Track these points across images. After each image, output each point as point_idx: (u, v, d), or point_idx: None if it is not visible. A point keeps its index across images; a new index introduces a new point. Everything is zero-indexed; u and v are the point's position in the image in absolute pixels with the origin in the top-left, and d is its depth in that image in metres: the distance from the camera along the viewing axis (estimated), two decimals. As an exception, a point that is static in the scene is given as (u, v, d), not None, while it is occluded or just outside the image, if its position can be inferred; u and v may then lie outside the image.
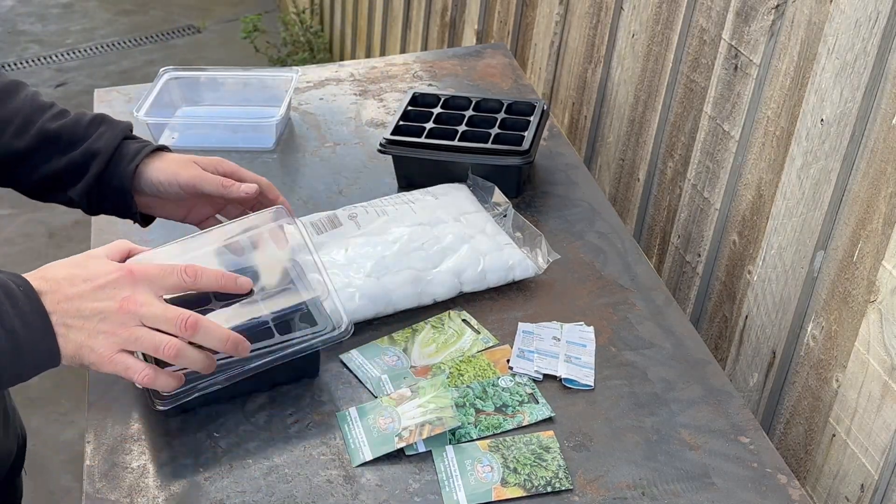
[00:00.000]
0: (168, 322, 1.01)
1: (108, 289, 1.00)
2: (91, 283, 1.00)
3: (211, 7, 5.33)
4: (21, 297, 0.97)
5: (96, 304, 0.99)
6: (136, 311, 1.00)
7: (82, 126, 1.30)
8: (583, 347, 1.31)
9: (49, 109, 1.32)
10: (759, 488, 1.13)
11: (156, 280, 1.03)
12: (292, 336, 1.18)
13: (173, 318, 1.01)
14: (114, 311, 0.99)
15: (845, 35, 1.25)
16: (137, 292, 1.01)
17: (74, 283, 1.00)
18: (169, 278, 1.03)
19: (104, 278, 1.01)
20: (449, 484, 1.13)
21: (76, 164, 1.28)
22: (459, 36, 2.68)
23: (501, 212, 1.50)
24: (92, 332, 0.99)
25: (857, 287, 1.25)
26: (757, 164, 1.46)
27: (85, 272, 1.01)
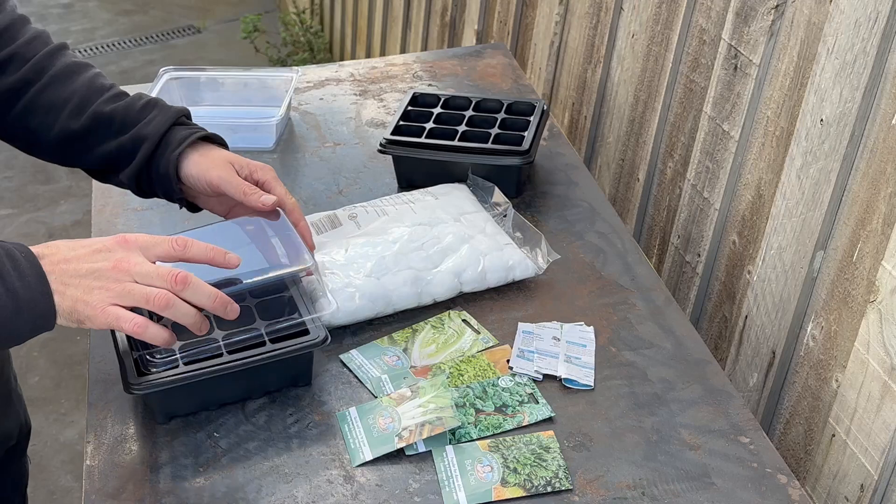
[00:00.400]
0: (160, 277, 1.06)
1: (104, 252, 1.06)
2: (87, 248, 1.06)
3: (211, 7, 5.33)
4: (22, 260, 1.02)
5: (92, 264, 1.05)
6: (129, 269, 1.05)
7: (135, 110, 1.31)
8: (583, 347, 1.31)
9: (107, 91, 1.33)
10: (759, 488, 1.14)
11: (147, 247, 1.08)
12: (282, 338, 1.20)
13: (164, 273, 1.06)
14: (108, 270, 1.05)
15: (845, 35, 1.25)
16: (130, 254, 1.06)
17: (73, 248, 1.06)
18: (160, 246, 1.09)
19: (100, 243, 1.07)
20: (449, 484, 1.13)
21: (126, 148, 1.29)
22: (459, 36, 2.68)
23: (501, 212, 1.50)
24: (87, 289, 1.04)
25: (857, 287, 1.25)
26: (757, 164, 1.46)
27: (83, 241, 1.08)
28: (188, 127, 1.32)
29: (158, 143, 1.28)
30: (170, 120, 1.30)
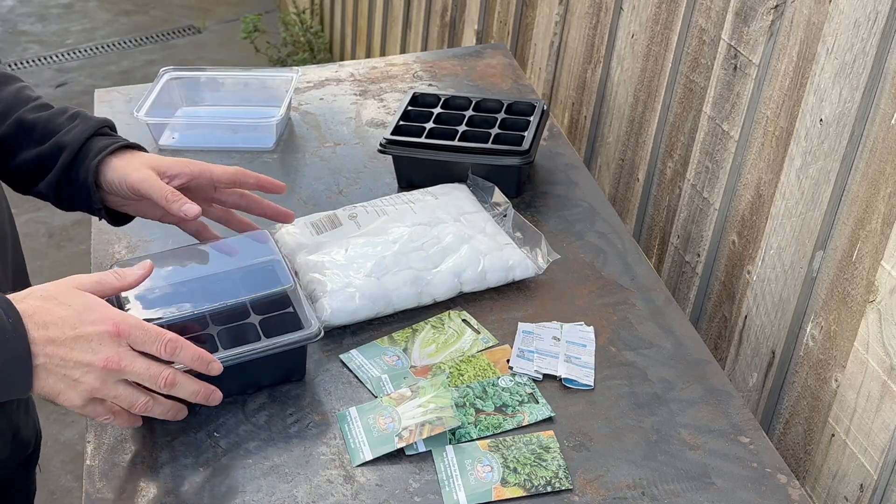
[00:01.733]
0: (150, 381, 1.06)
1: (94, 342, 1.02)
2: (76, 331, 1.02)
3: (211, 7, 5.33)
4: (9, 329, 0.99)
5: (80, 355, 1.02)
6: (119, 369, 1.04)
7: (57, 119, 1.30)
8: (583, 347, 1.31)
9: (32, 102, 1.32)
10: (759, 488, 1.14)
11: (139, 343, 1.06)
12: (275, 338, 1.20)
13: (155, 376, 1.06)
14: (97, 368, 1.03)
15: (844, 35, 1.25)
16: (121, 352, 1.04)
17: (61, 327, 1.02)
18: (151, 346, 1.06)
19: (90, 328, 1.03)
20: (449, 484, 1.13)
21: (45, 156, 1.27)
22: (459, 36, 2.68)
23: (501, 212, 1.50)
24: (70, 383, 1.03)
25: (856, 287, 1.25)
26: (756, 164, 1.46)
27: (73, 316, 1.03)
28: (110, 137, 1.31)
29: (78, 151, 1.27)
30: (91, 129, 1.29)
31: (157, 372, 1.06)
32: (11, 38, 5.03)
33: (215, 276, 1.26)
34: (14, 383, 1.00)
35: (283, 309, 1.24)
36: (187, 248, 1.32)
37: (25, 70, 4.73)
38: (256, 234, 1.34)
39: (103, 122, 1.32)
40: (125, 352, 1.04)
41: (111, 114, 1.82)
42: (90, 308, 1.04)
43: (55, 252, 3.37)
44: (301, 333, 1.20)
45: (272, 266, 1.28)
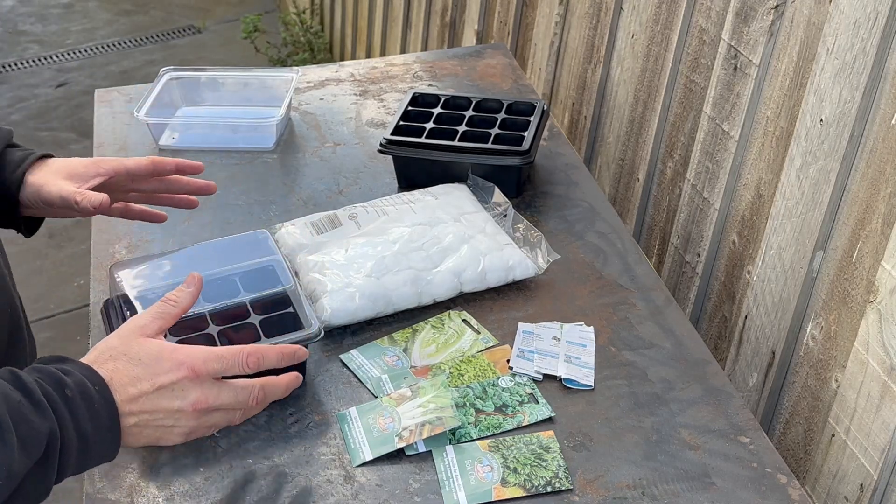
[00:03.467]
0: (241, 404, 1.05)
1: (176, 390, 1.01)
2: (152, 383, 1.00)
3: (211, 7, 5.33)
4: (97, 398, 0.96)
5: (167, 404, 1.00)
6: (209, 407, 1.03)
7: None
8: (583, 347, 1.31)
9: None
10: (759, 488, 1.14)
11: (219, 374, 1.04)
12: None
13: (245, 399, 1.05)
14: (188, 414, 1.01)
15: (844, 35, 1.25)
16: (205, 390, 1.02)
17: (139, 384, 1.00)
18: (230, 371, 1.04)
19: (167, 377, 1.01)
20: (449, 484, 1.13)
21: None
22: (459, 36, 2.68)
23: (501, 212, 1.50)
24: (167, 430, 1.02)
25: (857, 287, 1.25)
26: (756, 164, 1.46)
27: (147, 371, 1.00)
28: (22, 149, 1.28)
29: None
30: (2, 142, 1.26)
31: (246, 396, 1.05)
32: (11, 38, 5.03)
33: (215, 276, 1.26)
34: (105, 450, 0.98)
35: (283, 309, 1.24)
36: (187, 249, 1.32)
37: (25, 70, 4.73)
38: (256, 233, 1.35)
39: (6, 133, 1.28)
40: (209, 388, 1.02)
41: (111, 114, 1.82)
42: (160, 358, 1.01)
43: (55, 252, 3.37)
44: (301, 333, 1.20)
45: (272, 266, 1.28)
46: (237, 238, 1.34)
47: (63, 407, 0.93)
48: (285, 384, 1.09)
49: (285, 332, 1.20)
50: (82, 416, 0.94)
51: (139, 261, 1.30)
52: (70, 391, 0.94)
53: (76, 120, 4.14)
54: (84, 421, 0.94)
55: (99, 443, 0.96)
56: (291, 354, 1.09)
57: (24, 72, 4.72)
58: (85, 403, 0.95)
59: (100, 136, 1.77)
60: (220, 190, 1.61)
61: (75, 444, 0.94)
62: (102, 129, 1.80)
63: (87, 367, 0.99)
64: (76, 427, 0.94)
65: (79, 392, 0.95)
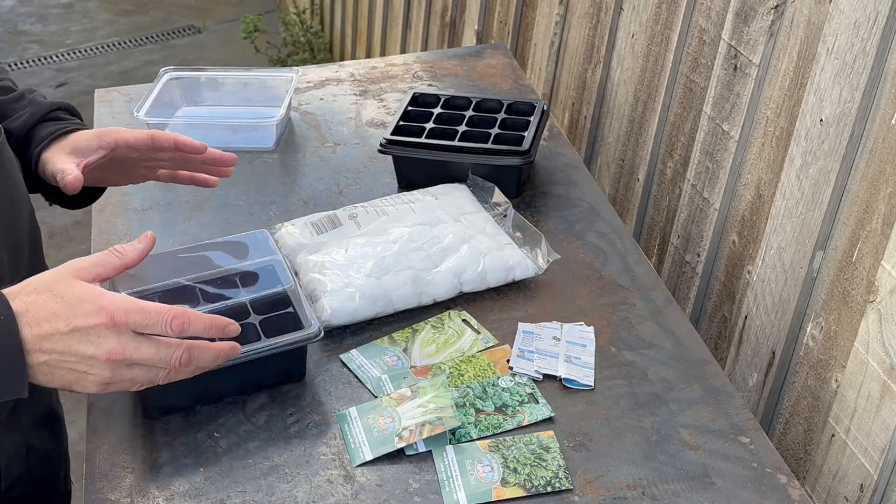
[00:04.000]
0: (163, 362, 1.01)
1: (91, 335, 0.97)
2: (70, 325, 0.97)
3: (211, 7, 5.33)
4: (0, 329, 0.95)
5: (80, 348, 0.97)
6: (124, 359, 0.98)
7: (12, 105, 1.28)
8: (583, 347, 1.31)
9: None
10: (759, 488, 1.14)
11: (140, 327, 1.00)
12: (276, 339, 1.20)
13: (166, 359, 1.01)
14: (101, 362, 0.98)
15: (844, 35, 1.25)
16: (122, 342, 0.98)
17: (54, 322, 0.97)
18: (154, 328, 1.00)
19: (85, 320, 0.97)
20: (449, 484, 1.13)
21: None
22: (459, 36, 2.68)
23: (501, 212, 1.50)
24: (80, 375, 0.98)
25: (857, 287, 1.25)
26: (756, 164, 1.46)
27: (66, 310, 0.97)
28: (58, 122, 1.28)
29: (23, 138, 1.26)
30: (37, 116, 1.27)
31: (168, 354, 1.00)
32: (11, 38, 5.03)
33: (215, 276, 1.26)
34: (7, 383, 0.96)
35: (283, 309, 1.24)
36: (187, 249, 1.32)
37: (25, 70, 4.73)
38: (256, 234, 1.35)
39: (54, 105, 1.29)
40: (127, 340, 0.98)
41: (111, 114, 1.82)
42: (82, 299, 0.98)
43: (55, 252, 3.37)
44: (301, 333, 1.20)
45: (272, 266, 1.28)
46: (238, 238, 1.34)
47: None
48: (216, 351, 1.05)
49: (285, 332, 1.20)
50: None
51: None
52: None
53: (76, 120, 4.14)
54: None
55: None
56: (222, 327, 1.05)
57: (24, 72, 4.72)
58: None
59: (100, 136, 1.77)
60: (220, 190, 1.62)
61: None
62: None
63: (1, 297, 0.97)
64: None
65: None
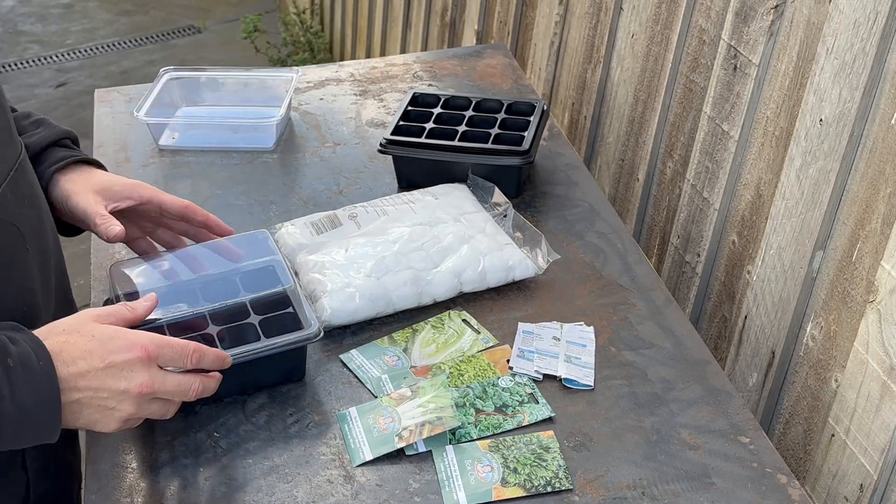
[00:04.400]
0: (182, 395, 1.07)
1: (125, 370, 1.02)
2: (105, 361, 1.01)
3: (211, 7, 5.33)
4: (38, 371, 0.97)
5: (114, 384, 1.01)
6: (153, 392, 1.04)
7: (21, 122, 1.28)
8: (583, 347, 1.31)
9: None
10: (759, 488, 1.14)
11: (168, 362, 1.06)
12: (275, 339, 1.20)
13: (186, 390, 1.07)
14: (132, 396, 1.02)
15: (844, 35, 1.25)
16: (153, 374, 1.04)
17: (90, 359, 1.01)
18: (179, 362, 1.07)
19: (120, 356, 1.02)
20: (449, 484, 1.13)
21: None
22: (459, 36, 2.68)
23: (501, 212, 1.50)
24: (107, 412, 1.03)
25: (856, 287, 1.25)
26: (756, 164, 1.46)
27: (100, 347, 1.02)
28: (69, 149, 1.29)
29: (38, 155, 1.25)
30: (53, 137, 1.28)
31: (188, 386, 1.07)
32: (11, 38, 5.03)
33: (215, 277, 1.26)
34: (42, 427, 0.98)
35: (283, 309, 1.24)
36: (187, 249, 1.32)
37: (25, 70, 4.73)
38: (256, 234, 1.35)
39: (66, 133, 1.30)
40: (156, 374, 1.04)
41: (111, 114, 1.82)
42: (114, 336, 1.03)
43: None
44: (301, 333, 1.20)
45: (272, 266, 1.29)
46: (237, 238, 1.34)
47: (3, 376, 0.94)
48: (217, 379, 1.12)
49: (285, 332, 1.20)
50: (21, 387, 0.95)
51: (139, 260, 1.31)
52: (12, 360, 0.95)
53: (76, 120, 4.14)
54: (23, 393, 0.95)
55: (36, 418, 0.97)
56: (223, 360, 1.12)
57: (23, 72, 4.71)
58: (26, 376, 0.96)
59: (99, 135, 1.77)
60: (220, 190, 1.62)
61: (12, 414, 0.94)
62: (102, 129, 1.80)
63: (35, 340, 0.99)
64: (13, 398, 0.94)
65: (20, 363, 0.96)
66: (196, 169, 1.68)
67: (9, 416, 0.95)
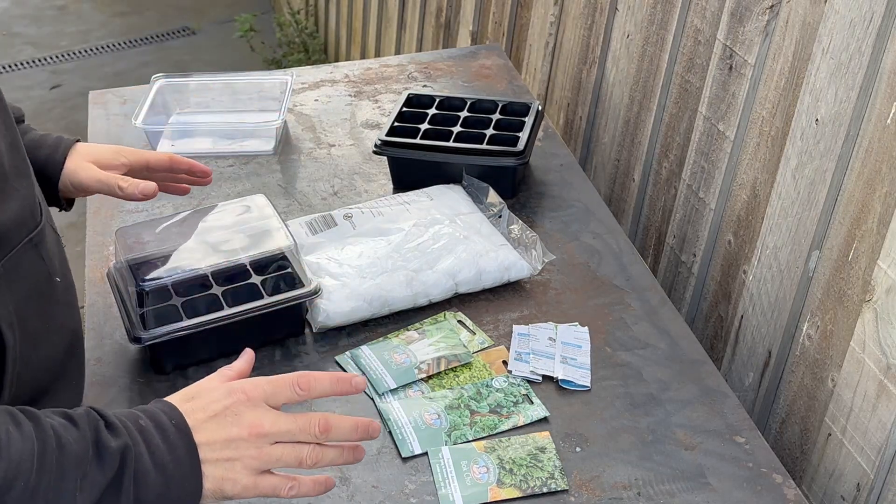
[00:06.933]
0: (303, 434, 0.95)
1: (230, 415, 0.94)
2: (206, 411, 0.94)
3: (206, 9, 5.32)
4: (171, 429, 0.92)
5: (224, 433, 0.94)
6: (267, 432, 0.94)
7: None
8: (578, 348, 1.31)
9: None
10: (755, 488, 1.14)
11: (270, 397, 0.96)
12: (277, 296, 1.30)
13: (306, 426, 0.95)
14: (244, 439, 0.94)
15: (840, 35, 1.25)
16: (260, 414, 0.95)
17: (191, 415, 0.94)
18: (282, 394, 0.97)
19: (219, 404, 0.95)
20: (445, 485, 1.13)
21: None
22: (454, 37, 2.67)
23: (496, 212, 1.50)
24: (228, 465, 0.94)
25: (853, 287, 1.25)
26: (752, 164, 1.46)
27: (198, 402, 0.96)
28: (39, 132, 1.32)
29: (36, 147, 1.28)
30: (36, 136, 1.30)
31: (305, 423, 0.95)
32: (5, 40, 5.02)
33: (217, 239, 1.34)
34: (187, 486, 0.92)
35: (282, 269, 1.32)
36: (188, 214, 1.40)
37: (19, 72, 4.72)
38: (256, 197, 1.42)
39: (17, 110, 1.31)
40: (264, 412, 0.95)
41: (105, 115, 1.82)
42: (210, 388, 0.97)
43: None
44: (300, 291, 1.29)
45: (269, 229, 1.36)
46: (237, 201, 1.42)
47: (136, 433, 0.90)
48: (352, 421, 0.98)
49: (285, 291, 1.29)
50: (157, 444, 0.90)
51: (145, 225, 1.40)
52: (143, 421, 0.91)
53: (70, 122, 4.13)
54: (159, 451, 0.90)
55: (179, 476, 0.91)
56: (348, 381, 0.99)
57: (18, 74, 4.71)
58: (160, 433, 0.91)
59: (94, 137, 1.77)
60: (216, 192, 1.61)
61: (152, 472, 0.90)
62: (97, 130, 1.79)
63: (162, 401, 0.95)
64: (151, 454, 0.90)
65: (152, 422, 0.92)
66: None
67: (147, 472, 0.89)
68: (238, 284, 1.29)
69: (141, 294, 1.26)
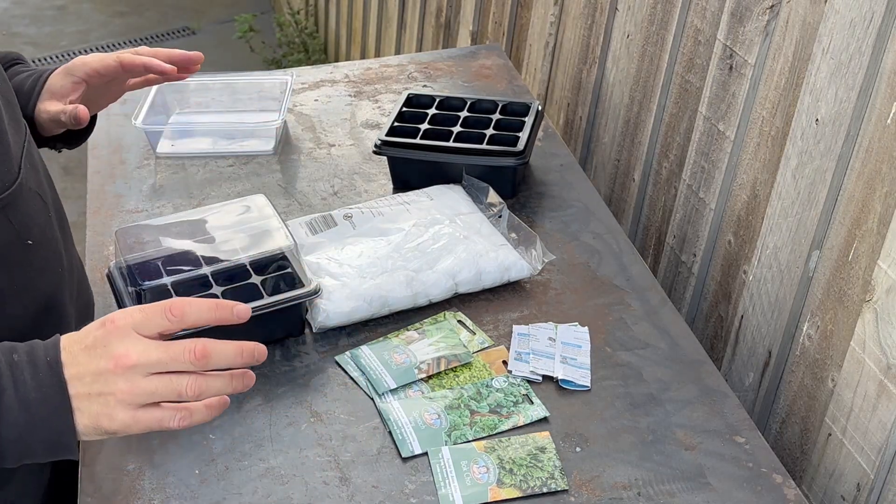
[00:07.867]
0: (176, 363, 0.89)
1: (98, 347, 0.89)
2: (81, 343, 0.90)
3: (205, 9, 5.32)
4: (44, 365, 0.89)
5: (94, 366, 0.89)
6: (135, 364, 0.88)
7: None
8: (578, 348, 1.31)
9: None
10: (755, 488, 1.13)
11: (140, 326, 0.90)
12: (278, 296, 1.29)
13: (180, 354, 0.89)
14: (112, 371, 0.88)
15: (840, 35, 1.25)
16: (128, 344, 0.89)
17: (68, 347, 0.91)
18: (153, 322, 0.91)
19: (91, 336, 0.90)
20: (445, 485, 1.13)
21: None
22: (454, 37, 2.67)
23: (496, 212, 1.50)
24: (102, 399, 0.89)
25: (853, 286, 1.25)
26: (752, 164, 1.46)
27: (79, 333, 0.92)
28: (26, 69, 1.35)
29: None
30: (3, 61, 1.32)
31: (181, 347, 0.89)
32: (5, 39, 5.02)
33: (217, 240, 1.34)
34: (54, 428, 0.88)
35: (282, 269, 1.32)
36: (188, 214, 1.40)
37: (20, 72, 4.72)
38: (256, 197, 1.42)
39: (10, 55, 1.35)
40: (133, 342, 0.89)
41: (105, 115, 1.82)
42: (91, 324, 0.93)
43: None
44: (301, 291, 1.29)
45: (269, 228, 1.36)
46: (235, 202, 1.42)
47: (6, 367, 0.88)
48: (235, 346, 0.91)
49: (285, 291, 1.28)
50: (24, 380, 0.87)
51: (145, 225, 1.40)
52: (17, 356, 0.89)
53: (71, 122, 4.13)
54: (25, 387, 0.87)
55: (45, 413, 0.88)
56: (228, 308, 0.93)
57: (18, 74, 4.70)
58: (30, 369, 0.88)
59: (94, 137, 1.76)
60: (215, 192, 1.61)
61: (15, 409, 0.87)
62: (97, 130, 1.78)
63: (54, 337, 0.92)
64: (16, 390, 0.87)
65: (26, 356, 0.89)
66: (191, 170, 1.68)
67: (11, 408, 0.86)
68: (238, 284, 1.29)
69: (140, 294, 1.26)
